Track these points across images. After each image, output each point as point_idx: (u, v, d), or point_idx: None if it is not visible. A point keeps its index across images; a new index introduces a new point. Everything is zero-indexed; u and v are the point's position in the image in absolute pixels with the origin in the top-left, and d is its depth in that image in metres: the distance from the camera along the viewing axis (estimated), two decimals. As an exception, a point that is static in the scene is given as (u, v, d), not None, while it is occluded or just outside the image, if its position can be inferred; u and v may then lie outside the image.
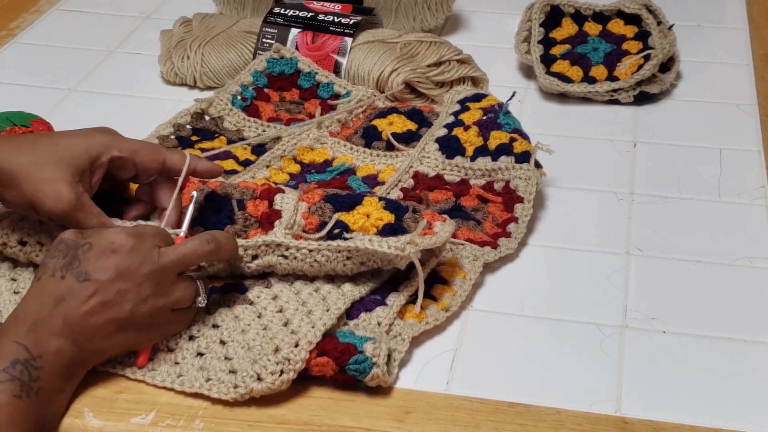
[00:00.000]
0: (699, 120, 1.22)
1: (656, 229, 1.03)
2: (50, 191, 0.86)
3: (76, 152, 0.88)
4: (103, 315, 0.81)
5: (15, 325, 0.79)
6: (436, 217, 0.92)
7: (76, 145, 0.89)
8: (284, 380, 0.81)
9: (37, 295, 0.81)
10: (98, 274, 0.80)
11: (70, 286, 0.80)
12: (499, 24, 1.45)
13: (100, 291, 0.80)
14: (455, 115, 1.13)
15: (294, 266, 0.90)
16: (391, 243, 0.86)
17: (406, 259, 0.87)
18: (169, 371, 0.84)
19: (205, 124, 1.17)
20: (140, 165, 0.92)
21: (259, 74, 1.23)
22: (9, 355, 0.77)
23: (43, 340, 0.79)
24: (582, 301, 0.94)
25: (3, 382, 0.75)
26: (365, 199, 0.93)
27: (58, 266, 0.81)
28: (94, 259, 0.81)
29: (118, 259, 0.81)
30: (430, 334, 0.89)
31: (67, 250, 0.82)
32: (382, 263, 0.89)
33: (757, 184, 1.10)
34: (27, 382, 0.77)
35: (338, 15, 1.27)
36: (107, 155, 0.90)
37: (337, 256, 0.89)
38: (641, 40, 1.27)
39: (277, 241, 0.89)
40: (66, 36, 1.43)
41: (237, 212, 0.94)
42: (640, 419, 0.81)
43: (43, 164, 0.87)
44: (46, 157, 0.87)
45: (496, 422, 0.81)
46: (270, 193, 0.95)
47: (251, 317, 0.87)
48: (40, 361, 0.78)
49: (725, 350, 0.88)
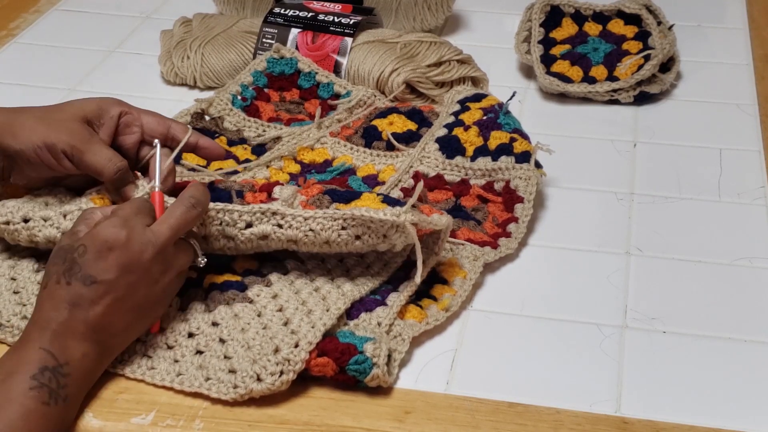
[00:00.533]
0: (699, 120, 1.22)
1: (656, 229, 1.03)
2: (64, 128, 0.92)
3: (87, 107, 0.95)
4: (120, 309, 0.82)
5: (36, 331, 0.79)
6: (434, 211, 0.91)
7: (87, 102, 0.96)
8: (284, 381, 0.81)
9: (50, 302, 0.81)
10: (103, 275, 0.81)
11: (79, 291, 0.80)
12: (499, 24, 1.45)
13: (110, 290, 0.81)
14: (455, 115, 1.13)
15: (288, 235, 0.89)
16: (387, 210, 0.86)
17: (402, 235, 0.86)
18: (168, 370, 0.84)
19: (206, 124, 1.17)
20: (147, 126, 0.97)
21: (259, 74, 1.23)
22: (37, 361, 0.77)
23: (69, 346, 0.79)
24: (582, 301, 0.94)
25: (32, 388, 0.76)
26: (364, 195, 0.93)
27: (60, 272, 0.81)
28: (93, 261, 0.81)
29: (118, 256, 0.81)
30: (430, 334, 0.89)
31: (65, 254, 0.82)
32: (378, 240, 0.88)
33: (757, 184, 1.10)
34: (55, 390, 0.77)
35: (338, 15, 1.27)
36: (117, 110, 0.96)
37: (332, 224, 0.88)
38: (641, 40, 1.27)
39: (273, 209, 0.89)
40: (66, 36, 1.43)
41: (235, 200, 0.93)
42: (640, 419, 0.81)
43: (57, 113, 0.94)
44: (60, 110, 0.95)
45: (496, 422, 0.81)
46: (269, 186, 0.95)
47: (251, 316, 0.87)
48: (67, 368, 0.78)
49: (725, 350, 0.88)
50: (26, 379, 0.76)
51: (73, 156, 0.92)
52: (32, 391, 0.76)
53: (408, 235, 0.87)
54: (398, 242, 0.88)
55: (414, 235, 0.86)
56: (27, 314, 0.89)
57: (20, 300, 0.90)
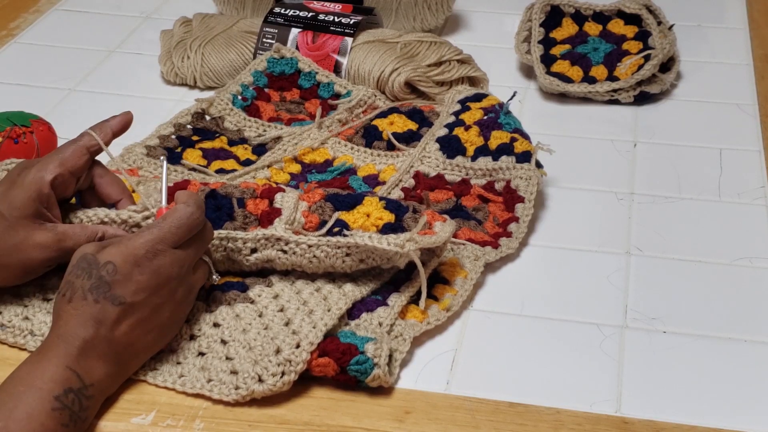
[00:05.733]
0: (699, 120, 1.22)
1: (656, 229, 1.03)
2: (30, 248, 0.86)
3: (19, 206, 0.87)
4: (144, 329, 0.82)
5: (62, 346, 0.79)
6: (436, 216, 0.92)
7: (15, 200, 0.87)
8: (285, 382, 0.81)
9: (77, 318, 0.80)
10: (132, 296, 0.81)
11: (107, 310, 0.80)
12: (499, 24, 1.45)
13: (137, 310, 0.81)
14: (456, 115, 1.13)
15: (293, 261, 0.90)
16: (390, 240, 0.86)
17: (405, 258, 0.87)
18: (170, 371, 0.84)
19: (206, 124, 1.17)
20: (73, 168, 0.89)
21: (260, 74, 1.23)
22: (63, 381, 0.77)
23: (93, 367, 0.79)
24: (582, 301, 0.94)
25: (55, 409, 0.76)
26: (366, 199, 0.93)
27: (85, 288, 0.80)
28: (124, 280, 0.80)
29: (149, 278, 0.81)
30: (431, 334, 0.89)
31: (90, 268, 0.81)
32: (381, 261, 0.89)
33: (757, 184, 1.10)
34: (77, 412, 0.77)
35: (338, 15, 1.27)
36: (46, 185, 0.87)
37: (336, 252, 0.88)
38: (641, 40, 1.27)
39: (276, 235, 0.89)
40: (66, 36, 1.43)
41: (237, 209, 0.93)
42: (640, 419, 0.81)
43: (3, 235, 0.86)
44: (2, 228, 0.86)
45: (496, 422, 0.81)
46: (270, 192, 0.95)
47: (252, 316, 0.87)
48: (91, 390, 0.78)
49: (725, 350, 0.88)
50: (50, 399, 0.76)
51: (53, 260, 0.88)
52: (54, 412, 0.75)
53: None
54: (402, 263, 0.88)
55: (418, 262, 0.87)
56: (28, 315, 0.89)
57: (22, 301, 0.90)
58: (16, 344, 0.88)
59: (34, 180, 0.88)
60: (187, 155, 1.10)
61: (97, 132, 0.92)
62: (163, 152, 1.10)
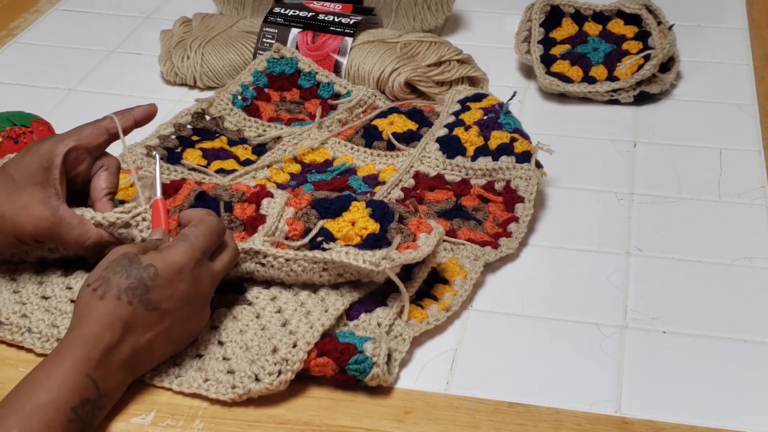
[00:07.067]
0: (699, 120, 1.22)
1: (656, 229, 1.03)
2: (27, 217, 0.87)
3: (31, 172, 0.88)
4: (167, 338, 0.82)
5: (83, 348, 0.78)
6: (422, 227, 0.91)
7: (28, 166, 0.89)
8: (282, 381, 0.81)
9: (106, 318, 0.79)
10: (167, 304, 0.80)
11: (138, 315, 0.79)
12: (499, 24, 1.45)
13: (166, 318, 0.81)
14: (456, 115, 1.13)
15: (271, 274, 0.89)
16: (366, 258, 0.86)
17: (382, 274, 0.86)
18: (168, 372, 0.84)
19: (206, 124, 1.17)
20: (89, 145, 0.91)
21: (260, 74, 1.23)
22: (81, 390, 0.76)
23: (111, 374, 0.79)
24: (582, 301, 0.94)
25: (71, 421, 0.75)
26: (353, 204, 0.93)
27: (122, 287, 0.79)
28: (163, 287, 0.80)
29: (187, 288, 0.81)
30: (431, 334, 0.89)
31: (130, 268, 0.80)
32: (360, 276, 0.88)
33: (757, 184, 1.10)
34: (89, 423, 0.77)
35: (338, 15, 1.27)
36: (59, 156, 0.89)
37: (313, 267, 0.88)
38: (641, 40, 1.27)
39: (255, 249, 0.89)
40: (66, 36, 1.43)
41: (223, 213, 0.93)
42: (640, 419, 0.81)
43: (8, 197, 0.87)
44: (7, 190, 0.88)
45: (496, 422, 0.81)
46: (259, 197, 0.94)
47: (249, 317, 0.87)
48: (105, 400, 0.78)
49: (725, 350, 0.88)
50: (67, 411, 0.75)
51: (43, 237, 0.88)
52: (70, 423, 0.75)
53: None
54: (380, 279, 0.88)
55: (396, 279, 0.86)
56: (26, 312, 0.88)
57: (20, 299, 0.90)
58: (14, 341, 0.88)
59: (48, 150, 0.89)
60: (187, 155, 1.10)
61: (119, 117, 0.93)
62: (162, 151, 1.10)
